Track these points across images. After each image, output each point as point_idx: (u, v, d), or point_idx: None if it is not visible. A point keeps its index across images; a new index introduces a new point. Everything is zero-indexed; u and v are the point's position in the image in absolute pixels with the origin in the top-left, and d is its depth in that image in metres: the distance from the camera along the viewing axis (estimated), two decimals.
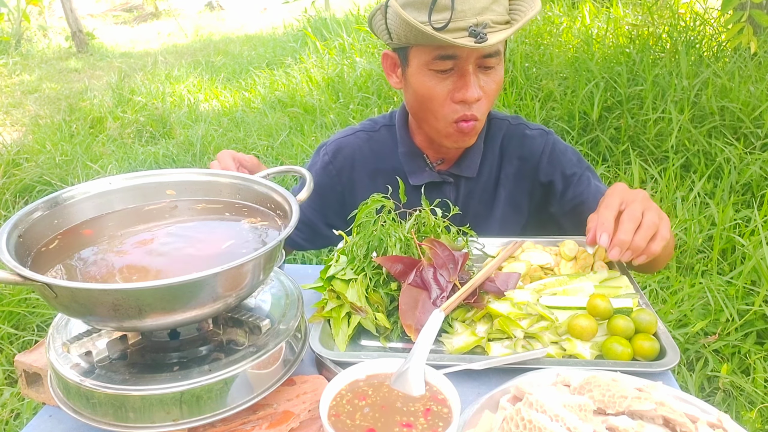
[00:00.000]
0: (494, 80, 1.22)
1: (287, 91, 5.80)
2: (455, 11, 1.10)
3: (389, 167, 1.42)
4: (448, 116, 1.23)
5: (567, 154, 1.42)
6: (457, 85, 1.19)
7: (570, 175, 1.38)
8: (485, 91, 1.21)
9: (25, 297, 2.69)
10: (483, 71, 1.20)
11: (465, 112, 1.21)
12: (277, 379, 0.82)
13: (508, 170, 1.41)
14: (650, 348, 0.89)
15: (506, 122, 1.43)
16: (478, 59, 1.18)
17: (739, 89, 3.55)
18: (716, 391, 2.07)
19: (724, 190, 3.07)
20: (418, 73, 1.22)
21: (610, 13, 5.13)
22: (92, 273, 0.78)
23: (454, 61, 1.17)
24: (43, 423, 0.85)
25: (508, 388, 0.80)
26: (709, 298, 2.34)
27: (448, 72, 1.19)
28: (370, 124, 1.48)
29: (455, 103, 1.21)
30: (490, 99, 1.24)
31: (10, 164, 4.12)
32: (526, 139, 1.41)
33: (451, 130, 1.24)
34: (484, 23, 1.12)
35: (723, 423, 0.72)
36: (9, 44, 9.87)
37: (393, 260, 1.00)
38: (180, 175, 0.99)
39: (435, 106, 1.23)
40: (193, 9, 16.47)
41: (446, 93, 1.21)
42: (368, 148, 1.44)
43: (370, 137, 1.46)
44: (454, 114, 1.22)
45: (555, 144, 1.41)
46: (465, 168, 1.39)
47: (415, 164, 1.40)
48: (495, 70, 1.22)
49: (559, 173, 1.39)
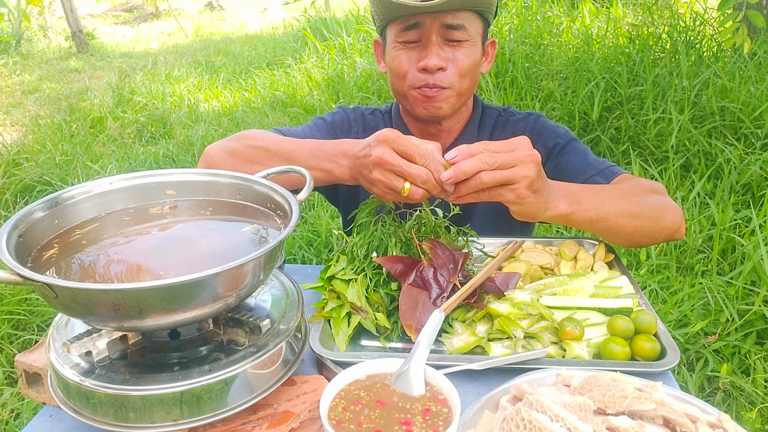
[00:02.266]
0: (466, 55, 1.26)
1: (287, 91, 5.80)
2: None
3: None
4: (412, 83, 1.28)
5: (550, 128, 1.42)
6: (420, 55, 1.25)
7: (552, 146, 1.38)
8: (454, 63, 1.25)
9: (26, 297, 2.69)
10: (450, 44, 1.25)
11: (428, 80, 1.26)
12: (278, 379, 0.82)
13: None
14: (650, 348, 0.89)
15: (497, 112, 1.47)
16: (441, 30, 1.22)
17: (739, 89, 3.55)
18: (716, 391, 2.07)
19: (724, 191, 3.07)
20: (391, 49, 1.30)
21: (609, 13, 5.13)
22: (93, 273, 0.78)
23: (417, 30, 1.23)
24: (43, 423, 0.85)
25: (508, 388, 0.80)
26: (709, 299, 2.34)
27: (415, 44, 1.26)
28: (369, 109, 1.54)
29: (418, 72, 1.26)
30: (462, 72, 1.26)
31: (10, 164, 4.12)
32: (511, 123, 1.45)
33: (416, 95, 1.29)
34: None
35: (723, 423, 0.72)
36: (9, 44, 9.86)
37: (393, 260, 1.00)
38: (180, 175, 0.99)
39: (401, 76, 1.29)
40: (193, 9, 16.46)
41: (411, 63, 1.27)
42: (361, 126, 1.50)
43: (364, 118, 1.51)
44: (416, 81, 1.27)
45: (537, 121, 1.43)
46: None
47: None
48: (464, 45, 1.25)
49: (541, 146, 1.38)
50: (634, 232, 1.10)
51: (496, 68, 4.43)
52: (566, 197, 1.01)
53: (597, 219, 1.05)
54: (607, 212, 1.06)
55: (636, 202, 1.11)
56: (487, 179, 0.89)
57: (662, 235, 1.14)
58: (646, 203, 1.12)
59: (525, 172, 0.90)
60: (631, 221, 1.09)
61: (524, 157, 0.90)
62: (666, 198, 1.19)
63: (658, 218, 1.12)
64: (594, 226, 1.07)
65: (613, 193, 1.12)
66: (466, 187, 0.91)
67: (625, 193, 1.14)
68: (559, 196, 1.00)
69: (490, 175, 0.89)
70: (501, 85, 4.29)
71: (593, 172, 1.28)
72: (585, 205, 1.03)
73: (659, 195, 1.19)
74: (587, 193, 1.07)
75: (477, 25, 1.26)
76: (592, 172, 1.29)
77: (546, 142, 1.38)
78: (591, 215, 1.04)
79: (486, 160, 0.89)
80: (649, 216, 1.11)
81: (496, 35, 4.86)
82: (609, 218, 1.06)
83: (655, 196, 1.17)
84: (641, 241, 1.15)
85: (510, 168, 0.90)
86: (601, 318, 0.95)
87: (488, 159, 0.89)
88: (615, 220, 1.07)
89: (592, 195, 1.07)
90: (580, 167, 1.31)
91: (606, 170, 1.29)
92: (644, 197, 1.14)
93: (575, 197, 1.03)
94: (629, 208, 1.09)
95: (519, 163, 0.90)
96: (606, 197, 1.08)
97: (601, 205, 1.06)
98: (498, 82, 4.34)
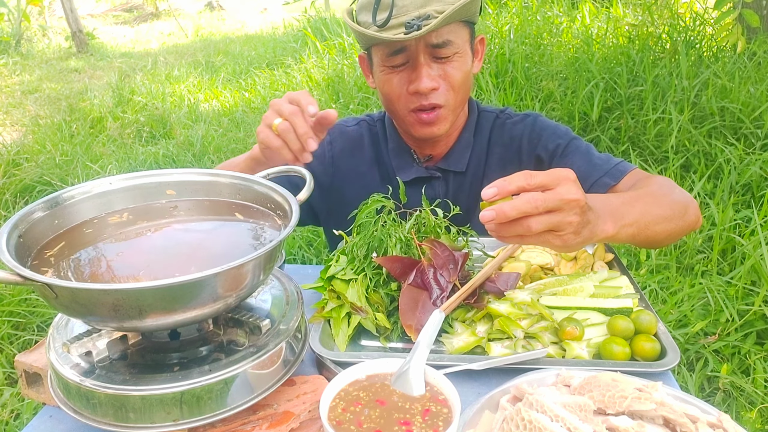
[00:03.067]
0: (456, 68, 1.23)
1: (287, 91, 5.79)
2: (396, 7, 1.15)
3: (383, 160, 1.46)
4: (407, 107, 1.27)
5: (549, 129, 1.38)
6: (411, 77, 1.23)
7: (553, 148, 1.34)
8: (446, 80, 1.23)
9: (26, 297, 2.69)
10: (438, 61, 1.22)
11: (422, 102, 1.24)
12: (278, 380, 0.82)
13: (493, 160, 1.41)
14: (651, 349, 0.89)
15: (494, 115, 1.44)
16: (428, 50, 1.20)
17: (739, 90, 3.55)
18: (716, 391, 2.07)
19: (724, 191, 3.07)
20: (378, 71, 1.28)
21: (609, 13, 5.13)
22: (92, 273, 0.78)
23: (404, 54, 1.21)
24: (43, 423, 0.85)
25: (508, 388, 0.80)
26: (709, 299, 2.34)
27: (403, 66, 1.23)
28: (368, 118, 1.52)
29: (411, 95, 1.24)
30: (455, 86, 1.24)
31: (10, 164, 4.12)
32: (508, 126, 1.42)
33: (412, 119, 1.28)
34: (427, 14, 1.14)
35: (723, 423, 0.72)
36: (9, 44, 9.86)
37: (393, 260, 1.00)
38: (180, 175, 0.99)
39: (394, 100, 1.27)
40: (193, 9, 16.46)
41: (402, 86, 1.25)
42: (369, 137, 1.48)
43: (370, 128, 1.49)
44: (410, 105, 1.25)
45: (536, 122, 1.39)
46: (453, 162, 1.40)
47: (402, 160, 1.42)
48: (453, 59, 1.23)
49: (542, 149, 1.35)
50: (668, 236, 1.06)
51: (496, 68, 4.43)
52: (611, 217, 0.91)
53: (638, 232, 0.96)
54: (646, 223, 0.98)
55: (667, 204, 1.06)
56: (536, 227, 0.78)
57: (688, 230, 1.11)
58: (674, 202, 1.08)
59: (571, 218, 0.79)
60: (666, 226, 1.04)
61: (570, 201, 0.78)
62: (680, 189, 1.15)
63: (685, 215, 1.09)
64: (634, 239, 0.98)
65: (647, 200, 1.04)
66: (509, 230, 0.79)
67: (656, 196, 1.08)
68: (604, 219, 0.89)
69: (540, 221, 0.78)
70: (501, 85, 4.29)
71: (600, 174, 1.25)
72: (627, 220, 0.94)
73: (675, 187, 1.14)
74: (626, 205, 0.98)
75: (463, 33, 1.23)
76: (599, 173, 1.25)
77: (547, 145, 1.35)
78: (633, 230, 0.95)
79: (535, 204, 0.77)
80: (679, 215, 1.07)
81: (496, 35, 4.86)
82: (648, 228, 0.99)
83: (676, 191, 1.13)
84: (671, 242, 1.11)
85: (558, 212, 0.79)
86: (601, 318, 0.95)
87: (537, 203, 0.77)
88: (653, 228, 1.00)
89: (630, 207, 0.98)
90: (586, 169, 1.26)
91: (613, 170, 1.25)
92: (670, 196, 1.10)
93: (618, 214, 0.93)
94: (663, 212, 1.03)
95: (566, 206, 0.79)
96: (642, 206, 1.00)
97: (640, 216, 0.97)
98: (498, 82, 4.34)
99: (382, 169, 1.45)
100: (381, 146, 1.46)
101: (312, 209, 1.50)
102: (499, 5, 5.62)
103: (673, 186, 1.15)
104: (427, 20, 1.14)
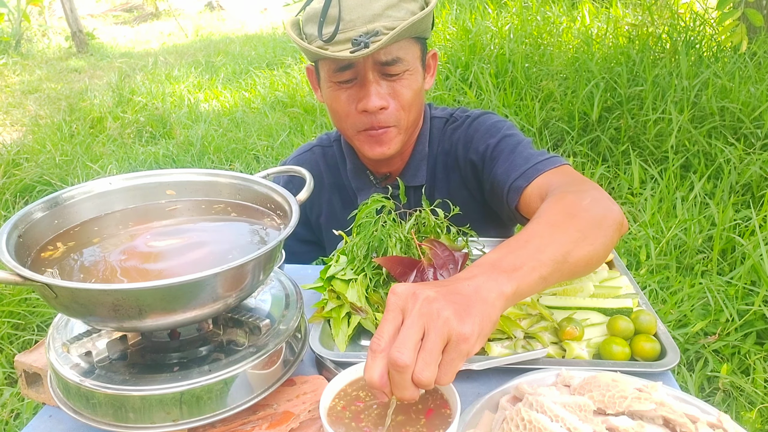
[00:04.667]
0: (406, 87, 1.17)
1: (287, 92, 5.80)
2: (343, 21, 1.09)
3: (342, 183, 1.41)
4: (356, 126, 1.21)
5: (482, 129, 1.27)
6: (359, 95, 1.17)
7: (483, 150, 1.25)
8: (396, 98, 1.18)
9: (25, 297, 2.69)
10: (388, 78, 1.16)
11: (372, 122, 1.18)
12: (277, 380, 0.82)
13: (438, 169, 1.36)
14: (651, 349, 0.89)
15: (442, 121, 1.36)
16: (377, 67, 1.14)
17: (739, 90, 3.55)
18: (716, 391, 2.07)
19: (724, 191, 3.07)
20: (325, 86, 1.22)
21: (609, 13, 5.13)
22: (92, 273, 0.78)
23: (352, 70, 1.15)
24: (43, 423, 0.85)
25: (508, 388, 0.80)
26: (709, 299, 2.34)
27: (351, 82, 1.17)
28: (326, 139, 1.47)
29: (360, 114, 1.19)
30: (405, 105, 1.19)
31: (10, 164, 4.12)
32: (448, 132, 1.35)
33: (363, 138, 1.22)
34: (375, 31, 1.09)
35: (723, 423, 0.72)
36: (9, 44, 9.87)
37: (393, 261, 1.00)
38: (180, 175, 0.99)
39: (342, 118, 1.22)
40: (193, 9, 16.46)
41: (350, 104, 1.19)
42: (324, 164, 1.43)
43: (324, 152, 1.44)
44: (360, 124, 1.20)
45: (471, 125, 1.30)
46: (410, 177, 1.35)
47: (360, 181, 1.38)
48: (403, 77, 1.17)
49: (474, 153, 1.27)
50: (590, 259, 0.86)
51: (496, 68, 4.43)
52: (495, 277, 0.71)
53: (548, 274, 0.77)
54: (551, 258, 0.78)
55: (575, 226, 0.86)
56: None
57: (611, 241, 0.90)
58: (584, 219, 0.88)
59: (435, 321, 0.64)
60: (582, 250, 0.83)
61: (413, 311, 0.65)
62: (592, 192, 0.96)
63: (600, 228, 0.89)
64: (547, 283, 0.79)
65: (544, 230, 0.84)
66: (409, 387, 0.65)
67: (556, 221, 0.87)
68: (486, 287, 0.70)
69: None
70: (501, 85, 4.29)
71: (516, 176, 1.12)
72: (526, 268, 0.75)
73: (585, 193, 0.95)
74: (513, 249, 0.78)
75: (414, 49, 1.17)
76: (515, 176, 1.12)
77: (478, 148, 1.26)
78: (537, 274, 0.76)
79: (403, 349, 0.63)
80: (594, 233, 0.87)
81: (496, 35, 4.86)
82: (559, 263, 0.79)
83: (586, 199, 0.93)
84: (600, 260, 0.90)
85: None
86: (601, 318, 0.95)
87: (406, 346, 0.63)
88: (566, 260, 0.80)
89: (520, 248, 0.79)
90: (504, 173, 1.15)
91: (530, 170, 1.11)
92: (578, 212, 0.89)
93: (504, 263, 0.74)
94: (570, 236, 0.83)
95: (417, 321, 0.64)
96: (540, 242, 0.80)
97: (539, 254, 0.78)
98: (498, 82, 4.34)
99: (343, 194, 1.41)
100: (339, 169, 1.41)
101: (315, 243, 1.49)
102: (499, 5, 5.62)
103: (581, 190, 0.97)
104: (375, 37, 1.08)
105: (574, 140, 3.74)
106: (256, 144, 4.62)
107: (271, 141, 4.65)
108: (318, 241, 1.50)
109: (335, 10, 1.09)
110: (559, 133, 3.87)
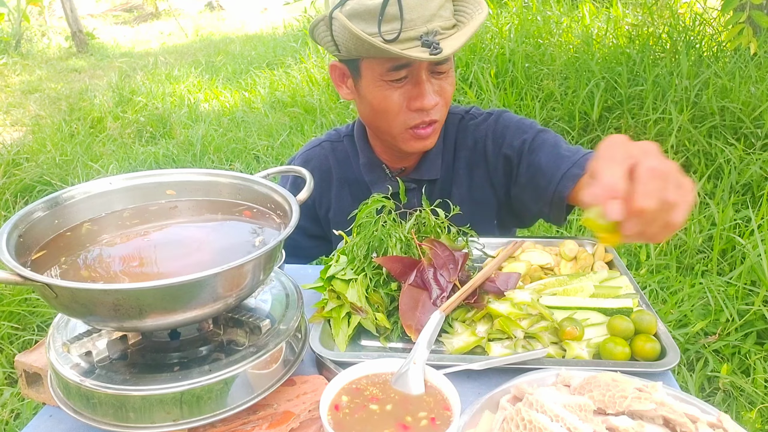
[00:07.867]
0: (449, 83, 1.22)
1: (287, 91, 5.80)
2: (405, 21, 1.09)
3: (353, 177, 1.42)
4: (406, 123, 1.22)
5: (513, 125, 1.33)
6: (412, 93, 1.19)
7: (519, 145, 1.29)
8: (441, 95, 1.21)
9: (26, 297, 2.69)
10: (436, 76, 1.20)
11: (423, 118, 1.21)
12: (277, 380, 0.82)
13: (460, 165, 1.39)
14: (651, 349, 0.89)
15: (458, 117, 1.40)
16: (430, 66, 1.17)
17: (739, 89, 3.55)
18: (716, 391, 2.07)
19: (724, 190, 3.07)
20: (372, 85, 1.20)
21: (610, 13, 5.13)
22: (92, 273, 0.78)
23: (407, 69, 1.17)
24: (43, 423, 0.85)
25: (508, 388, 0.80)
26: (709, 299, 2.34)
27: (403, 81, 1.18)
28: (335, 134, 1.48)
29: (412, 111, 1.21)
30: (447, 101, 1.24)
31: (10, 164, 4.12)
32: (471, 128, 1.38)
33: (408, 136, 1.24)
34: (434, 31, 1.11)
35: (723, 423, 0.72)
36: (9, 44, 9.87)
37: (393, 260, 1.00)
38: (180, 175, 0.99)
39: (391, 116, 1.22)
40: (193, 9, 16.46)
41: (402, 102, 1.20)
42: (333, 158, 1.44)
43: (334, 147, 1.45)
44: (411, 121, 1.22)
45: (498, 121, 1.35)
46: (425, 171, 1.37)
47: (375, 174, 1.39)
48: (449, 75, 1.22)
49: (508, 147, 1.31)
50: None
51: (496, 68, 4.43)
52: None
53: None
54: None
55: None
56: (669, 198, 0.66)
57: None
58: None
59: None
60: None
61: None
62: None
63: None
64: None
65: None
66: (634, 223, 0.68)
67: None
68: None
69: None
70: (501, 85, 4.29)
71: (569, 165, 1.19)
72: None
73: None
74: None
75: None
76: (567, 165, 1.19)
77: (513, 143, 1.30)
78: None
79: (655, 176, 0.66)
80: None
81: (496, 35, 4.86)
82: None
83: None
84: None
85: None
86: (601, 318, 0.95)
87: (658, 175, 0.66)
88: None
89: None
90: (555, 163, 1.21)
91: (581, 159, 1.19)
92: None
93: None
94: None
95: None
96: None
97: None
98: (498, 82, 4.34)
99: (354, 188, 1.42)
100: (350, 163, 1.43)
101: (323, 237, 1.49)
102: (499, 5, 5.62)
103: None
104: (436, 36, 1.11)
105: (574, 140, 3.74)
106: (257, 144, 4.62)
107: (271, 141, 4.65)
108: (325, 236, 1.51)
109: (394, 8, 1.09)
110: (560, 132, 3.85)
